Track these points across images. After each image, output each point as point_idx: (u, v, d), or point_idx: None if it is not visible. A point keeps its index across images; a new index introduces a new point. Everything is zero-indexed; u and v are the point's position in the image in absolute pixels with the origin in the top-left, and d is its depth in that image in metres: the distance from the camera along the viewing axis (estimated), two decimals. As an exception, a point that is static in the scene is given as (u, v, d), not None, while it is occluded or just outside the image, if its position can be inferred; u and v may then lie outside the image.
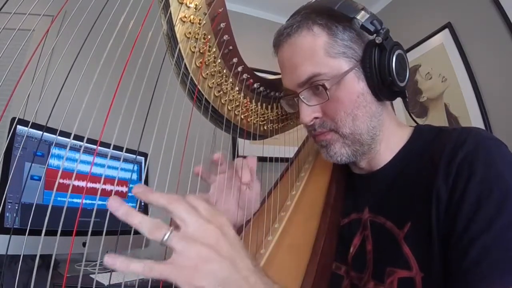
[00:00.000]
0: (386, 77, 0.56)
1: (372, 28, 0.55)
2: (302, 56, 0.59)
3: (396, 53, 0.57)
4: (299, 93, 0.60)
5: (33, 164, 1.11)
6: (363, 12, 0.56)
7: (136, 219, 0.34)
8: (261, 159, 0.83)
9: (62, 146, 1.23)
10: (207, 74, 0.60)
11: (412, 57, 1.93)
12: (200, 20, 0.57)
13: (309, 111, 0.60)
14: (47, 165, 1.17)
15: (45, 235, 0.39)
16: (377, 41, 0.55)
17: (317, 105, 0.59)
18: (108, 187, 1.36)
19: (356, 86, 0.58)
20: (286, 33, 0.61)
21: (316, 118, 0.61)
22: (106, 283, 1.01)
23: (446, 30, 1.78)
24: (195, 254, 0.34)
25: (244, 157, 0.67)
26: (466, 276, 0.43)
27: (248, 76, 0.67)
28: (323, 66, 0.57)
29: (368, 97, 0.59)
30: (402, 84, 0.58)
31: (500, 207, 0.44)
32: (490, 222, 0.43)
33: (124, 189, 1.44)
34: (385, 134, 0.62)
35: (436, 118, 1.80)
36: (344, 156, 0.61)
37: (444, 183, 0.50)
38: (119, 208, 0.33)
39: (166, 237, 0.34)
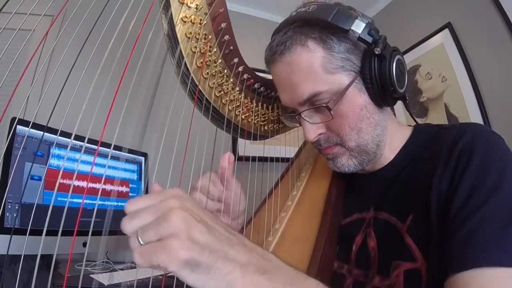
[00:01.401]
0: (387, 86, 0.55)
1: (370, 40, 0.54)
2: (300, 75, 0.57)
3: (395, 60, 0.56)
4: (301, 112, 0.59)
5: (33, 164, 1.11)
6: (358, 21, 0.54)
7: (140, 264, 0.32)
8: (262, 159, 0.83)
9: (62, 146, 1.23)
10: (207, 74, 0.60)
11: (412, 57, 1.93)
12: (201, 20, 0.57)
13: (313, 129, 0.59)
14: (48, 165, 1.17)
15: (45, 235, 0.39)
16: (376, 52, 0.54)
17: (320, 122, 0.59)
18: (109, 187, 1.36)
19: (359, 99, 0.57)
20: (279, 51, 0.58)
21: (320, 134, 0.60)
22: (106, 283, 1.01)
23: (446, 30, 1.77)
24: (167, 223, 0.31)
25: None
26: (454, 255, 0.44)
27: (249, 76, 0.67)
28: (322, 84, 0.56)
29: (371, 108, 0.58)
30: (402, 90, 0.57)
31: (495, 187, 0.45)
32: (481, 206, 0.45)
33: (125, 189, 1.44)
34: (388, 136, 0.63)
35: (436, 118, 1.80)
36: (351, 167, 0.61)
37: (445, 174, 0.51)
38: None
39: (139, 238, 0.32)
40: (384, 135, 0.61)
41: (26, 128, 1.10)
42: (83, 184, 1.23)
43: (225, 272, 0.32)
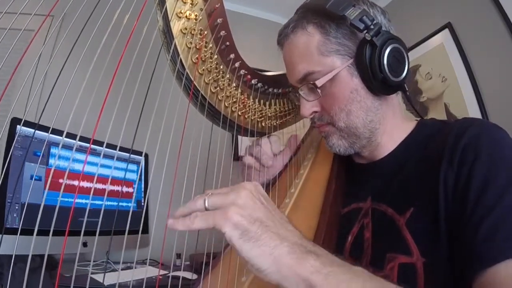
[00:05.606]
0: (377, 73, 0.56)
1: (361, 26, 0.55)
2: (298, 55, 0.61)
3: (389, 48, 0.56)
4: (298, 89, 0.63)
5: (33, 164, 1.12)
6: (353, 8, 0.55)
7: (194, 225, 0.38)
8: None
9: (63, 146, 1.23)
10: (203, 70, 0.60)
11: (412, 57, 1.92)
12: (196, 15, 0.57)
13: (308, 105, 0.63)
14: (47, 165, 1.17)
15: (45, 235, 0.39)
16: (367, 38, 0.55)
17: (315, 100, 0.62)
18: (109, 187, 1.36)
19: (350, 82, 0.59)
20: (284, 33, 0.64)
21: (315, 112, 0.64)
22: (105, 283, 1.01)
23: (446, 30, 1.77)
24: (233, 195, 0.38)
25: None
26: (481, 251, 0.43)
27: (246, 72, 0.67)
28: (316, 65, 0.59)
29: (362, 92, 0.59)
30: (396, 79, 0.57)
31: (507, 185, 0.45)
32: (499, 200, 0.44)
33: (125, 189, 1.44)
34: (388, 127, 0.63)
35: (436, 118, 1.79)
36: (341, 147, 0.63)
37: (450, 168, 0.50)
38: (177, 226, 0.38)
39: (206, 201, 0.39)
40: (381, 123, 0.62)
41: (27, 128, 1.10)
42: (82, 184, 1.23)
43: (271, 245, 0.36)
